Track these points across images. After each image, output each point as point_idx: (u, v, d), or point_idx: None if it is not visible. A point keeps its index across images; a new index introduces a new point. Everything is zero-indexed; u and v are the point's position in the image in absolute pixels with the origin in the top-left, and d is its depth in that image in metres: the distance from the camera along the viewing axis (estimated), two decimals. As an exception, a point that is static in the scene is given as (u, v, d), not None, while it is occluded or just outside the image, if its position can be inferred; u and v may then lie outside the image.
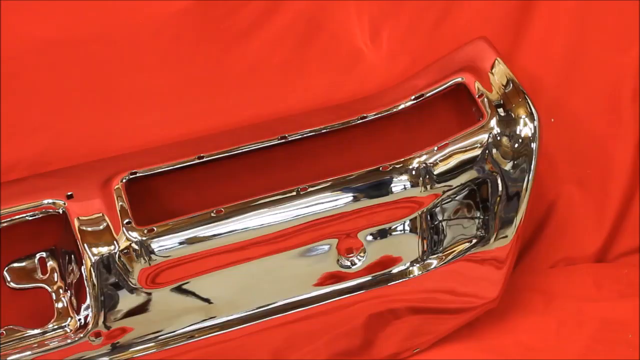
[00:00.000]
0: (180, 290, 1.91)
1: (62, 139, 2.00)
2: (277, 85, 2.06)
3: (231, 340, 1.95)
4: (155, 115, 2.02)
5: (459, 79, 2.01)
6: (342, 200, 1.92)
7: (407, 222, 1.96)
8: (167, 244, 1.86)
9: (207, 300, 1.93)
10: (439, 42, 2.10)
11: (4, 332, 1.90)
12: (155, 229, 1.86)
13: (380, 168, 1.92)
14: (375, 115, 2.02)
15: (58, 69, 1.97)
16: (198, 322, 1.96)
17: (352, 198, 1.92)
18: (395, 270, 1.96)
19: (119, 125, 2.02)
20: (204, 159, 1.94)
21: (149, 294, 1.89)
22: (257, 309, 1.96)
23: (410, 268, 1.97)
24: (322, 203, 1.91)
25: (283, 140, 1.97)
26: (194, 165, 1.95)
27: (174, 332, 1.93)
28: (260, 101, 2.06)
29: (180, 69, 2.03)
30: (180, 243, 1.86)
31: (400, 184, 1.93)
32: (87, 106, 2.01)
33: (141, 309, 1.89)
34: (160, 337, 1.92)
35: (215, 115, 2.05)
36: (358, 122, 2.01)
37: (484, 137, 1.94)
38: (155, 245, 1.86)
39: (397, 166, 1.93)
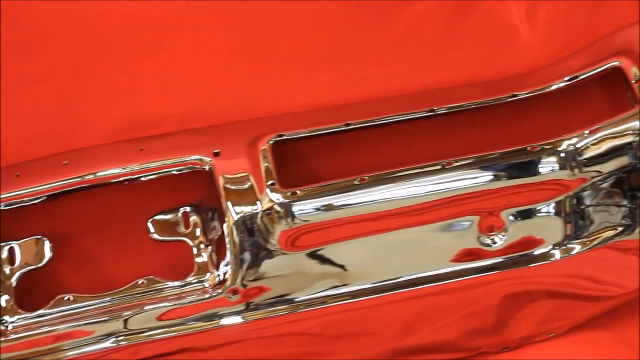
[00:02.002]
0: (317, 255, 1.95)
1: (212, 98, 2.05)
2: (427, 57, 2.08)
3: (362, 309, 1.99)
4: (304, 80, 2.06)
5: (616, 63, 2.00)
6: (486, 177, 1.93)
7: (552, 205, 1.95)
8: (309, 208, 1.89)
9: (343, 267, 1.96)
10: (595, 24, 2.09)
11: (145, 281, 1.96)
12: (298, 192, 1.89)
13: (528, 148, 1.92)
14: (526, 94, 2.02)
15: (214, 28, 2.02)
16: (331, 289, 1.98)
17: (497, 176, 1.93)
18: (536, 252, 1.96)
19: (268, 87, 2.07)
20: (351, 127, 1.97)
21: (288, 256, 1.90)
22: (391, 280, 1.99)
23: (552, 251, 1.97)
24: (467, 179, 1.92)
25: (431, 113, 1.99)
26: (340, 132, 1.97)
27: (307, 296, 1.95)
28: (409, 72, 2.08)
29: (332, 36, 2.07)
30: (322, 208, 1.90)
31: (548, 166, 1.93)
32: (239, 67, 2.06)
33: (279, 270, 1.93)
34: (294, 300, 1.94)
35: (364, 84, 2.08)
36: (508, 100, 1.99)
37: (637, 124, 1.91)
38: (297, 208, 1.90)
39: (546, 147, 1.93)
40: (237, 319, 1.96)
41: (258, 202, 1.90)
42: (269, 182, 1.90)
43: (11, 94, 2.01)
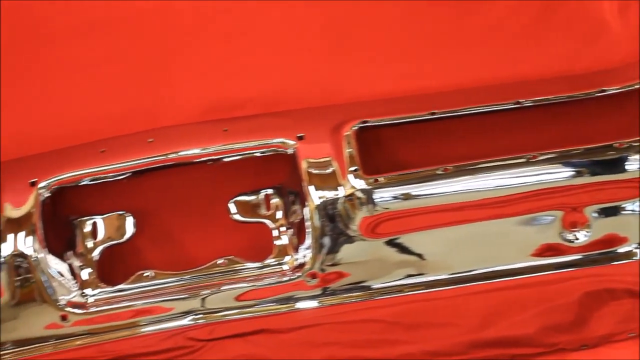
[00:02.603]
0: (396, 243, 1.96)
1: (296, 82, 2.07)
2: (514, 49, 2.08)
3: (439, 299, 1.99)
4: (388, 68, 2.07)
5: None
6: (571, 172, 1.93)
7: (638, 203, 1.92)
8: (390, 196, 1.91)
9: (421, 257, 1.97)
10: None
11: (224, 261, 1.97)
12: (380, 179, 1.90)
13: (615, 144, 1.90)
14: (615, 90, 2.00)
15: (300, 14, 2.05)
16: (408, 277, 1.99)
17: (582, 172, 1.92)
18: (619, 250, 1.94)
19: (352, 74, 2.08)
20: (436, 116, 1.96)
21: (367, 242, 1.91)
22: (469, 271, 1.98)
23: (636, 250, 1.94)
24: (551, 173, 1.92)
25: (517, 106, 1.97)
26: (425, 121, 1.97)
27: (384, 283, 1.96)
28: (495, 63, 2.07)
29: (420, 25, 2.07)
30: (404, 197, 1.91)
31: (635, 163, 1.90)
32: (323, 53, 2.09)
33: (358, 256, 1.94)
34: (371, 287, 1.95)
35: (449, 74, 2.08)
36: (596, 95, 1.98)
37: None
38: (379, 195, 1.91)
39: (634, 144, 1.90)
40: (313, 303, 1.97)
41: (340, 188, 1.91)
42: (352, 168, 1.91)
43: (93, 72, 2.03)
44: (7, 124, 2.04)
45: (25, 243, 1.91)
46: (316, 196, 1.89)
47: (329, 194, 1.89)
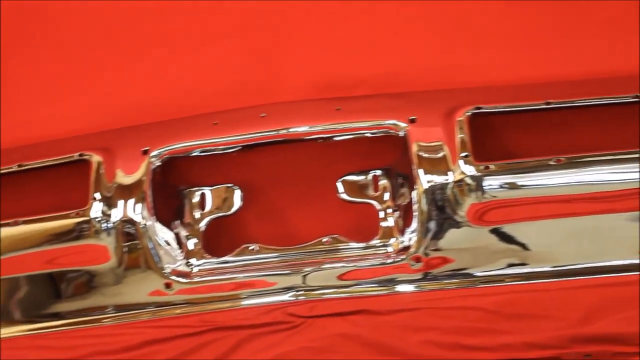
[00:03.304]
0: (502, 231, 1.96)
1: (410, 64, 2.07)
2: (634, 42, 2.02)
3: (542, 291, 1.99)
4: (503, 55, 2.06)
5: None
6: (691, 171, 1.87)
7: None
8: (500, 184, 1.90)
9: (526, 248, 1.96)
10: None
11: (329, 240, 1.99)
12: (491, 166, 1.89)
13: None
14: None
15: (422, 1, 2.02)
16: (512, 267, 1.98)
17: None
18: None
19: (467, 59, 2.08)
20: (552, 106, 1.94)
21: (474, 229, 1.91)
22: (574, 265, 1.96)
23: None
24: (671, 170, 1.86)
25: (637, 100, 1.93)
26: (539, 110, 1.95)
27: (487, 272, 1.96)
28: (614, 55, 2.03)
29: (537, 12, 2.04)
30: (514, 185, 1.90)
31: None
32: (439, 36, 2.09)
33: (463, 243, 1.94)
34: (473, 275, 1.96)
35: (565, 63, 2.05)
36: None
37: None
38: (489, 183, 1.90)
39: None
40: (415, 287, 1.99)
41: (450, 173, 1.91)
42: (463, 154, 1.90)
43: (210, 47, 2.06)
44: (130, 91, 2.06)
45: (134, 210, 1.95)
46: (425, 180, 1.90)
47: (438, 179, 1.89)
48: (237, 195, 2.03)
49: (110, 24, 2.06)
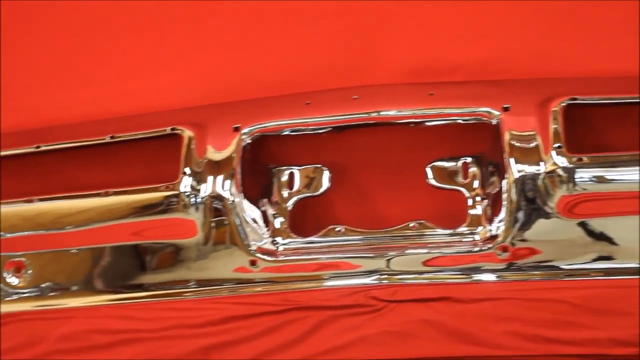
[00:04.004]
0: (591, 225, 1.96)
1: (506, 51, 2.06)
2: None
3: (630, 287, 1.98)
4: (604, 45, 2.03)
5: None
6: None
7: None
8: (592, 177, 1.89)
9: (614, 242, 1.96)
10: None
11: (416, 225, 1.99)
12: (584, 159, 1.87)
13: None
14: None
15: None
16: (599, 261, 1.98)
17: None
18: None
19: (564, 49, 2.05)
20: (648, 98, 1.91)
21: (563, 221, 1.91)
22: (665, 262, 1.90)
23: None
24: None
25: None
26: (634, 104, 1.93)
27: (574, 265, 1.96)
28: None
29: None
30: (607, 179, 1.90)
31: None
32: (539, 25, 2.07)
33: (551, 234, 1.94)
34: (559, 267, 1.96)
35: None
36: None
37: None
38: (581, 175, 1.89)
39: None
40: (499, 277, 1.99)
41: (542, 163, 1.90)
42: (556, 145, 1.90)
43: (306, 26, 2.08)
44: (225, 67, 2.09)
45: (223, 186, 1.97)
46: (516, 169, 1.89)
47: (530, 169, 1.89)
48: (326, 176, 2.04)
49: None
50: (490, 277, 1.95)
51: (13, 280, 2.08)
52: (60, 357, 2.14)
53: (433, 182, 2.03)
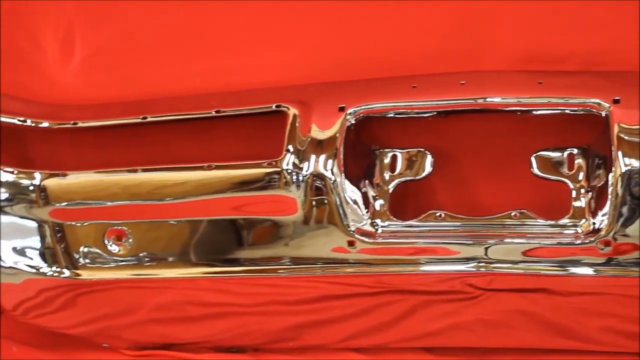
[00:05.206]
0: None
1: (619, 42, 2.05)
2: None
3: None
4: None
5: None
6: None
7: None
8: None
9: None
10: None
11: (517, 214, 2.00)
12: None
13: None
14: None
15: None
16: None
17: None
18: None
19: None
20: None
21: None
22: None
23: None
24: None
25: None
26: None
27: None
28: None
29: None
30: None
31: None
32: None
33: (655, 231, 1.89)
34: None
35: None
36: None
37: None
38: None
39: None
40: (598, 271, 1.98)
41: None
42: None
43: (412, 9, 2.09)
44: (331, 46, 2.12)
45: (325, 165, 1.99)
46: (624, 163, 1.88)
47: (637, 163, 1.87)
48: (428, 160, 2.06)
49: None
50: (589, 271, 1.96)
51: (114, 248, 2.12)
52: (154, 326, 2.19)
53: (537, 172, 2.03)
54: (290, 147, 2.02)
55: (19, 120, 2.19)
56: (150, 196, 2.09)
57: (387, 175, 2.08)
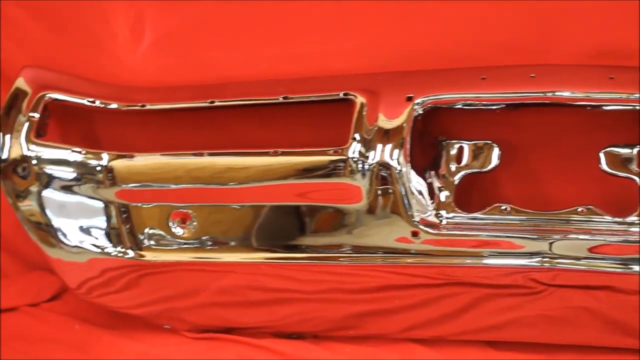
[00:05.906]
0: None
1: None
2: None
3: None
4: None
5: None
6: None
7: None
8: None
9: None
10: None
11: (584, 210, 1.99)
12: None
13: None
14: None
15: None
16: None
17: None
18: None
19: None
20: None
21: None
22: None
23: None
24: None
25: None
26: None
27: None
28: None
29: None
30: None
31: None
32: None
33: None
34: None
35: None
36: None
37: None
38: None
39: None
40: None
41: None
42: None
43: (489, 1, 2.07)
44: (400, 36, 2.13)
45: (391, 155, 2.00)
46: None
47: None
48: (495, 153, 2.06)
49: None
50: (650, 268, 1.90)
51: (178, 230, 2.15)
52: (215, 310, 2.21)
53: (605, 167, 2.03)
54: (357, 136, 2.03)
55: (88, 101, 2.22)
56: (216, 180, 2.11)
57: (453, 167, 2.09)
